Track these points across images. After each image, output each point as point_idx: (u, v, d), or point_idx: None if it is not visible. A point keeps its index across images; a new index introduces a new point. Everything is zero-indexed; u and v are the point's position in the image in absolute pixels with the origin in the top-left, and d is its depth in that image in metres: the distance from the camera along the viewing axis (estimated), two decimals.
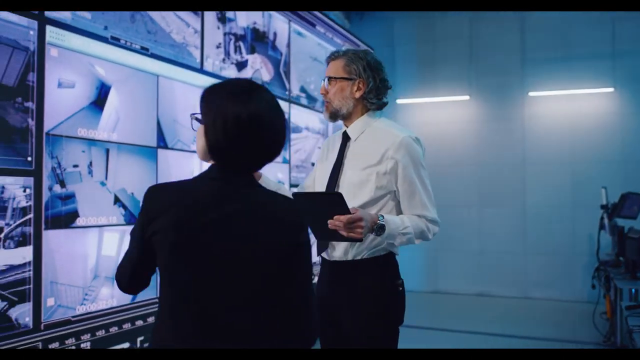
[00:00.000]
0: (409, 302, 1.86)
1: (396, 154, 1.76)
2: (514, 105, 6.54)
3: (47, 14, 2.40)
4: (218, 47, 3.52)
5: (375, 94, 1.86)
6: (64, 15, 2.49)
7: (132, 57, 2.86)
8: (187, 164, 3.25)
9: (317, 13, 4.87)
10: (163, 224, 1.15)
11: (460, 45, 6.76)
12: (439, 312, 5.92)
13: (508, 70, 6.52)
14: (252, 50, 3.87)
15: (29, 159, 2.31)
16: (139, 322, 2.86)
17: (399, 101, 6.97)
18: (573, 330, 4.91)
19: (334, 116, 1.88)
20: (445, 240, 6.82)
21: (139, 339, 2.85)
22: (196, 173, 3.25)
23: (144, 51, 2.94)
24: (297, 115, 4.51)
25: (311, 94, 4.81)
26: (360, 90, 1.84)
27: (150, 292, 2.93)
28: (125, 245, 1.23)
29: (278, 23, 4.25)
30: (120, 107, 2.77)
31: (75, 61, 2.53)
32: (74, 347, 2.49)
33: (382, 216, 1.66)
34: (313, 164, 4.77)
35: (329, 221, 1.56)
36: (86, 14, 2.60)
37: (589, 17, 6.07)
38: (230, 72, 3.63)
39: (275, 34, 4.19)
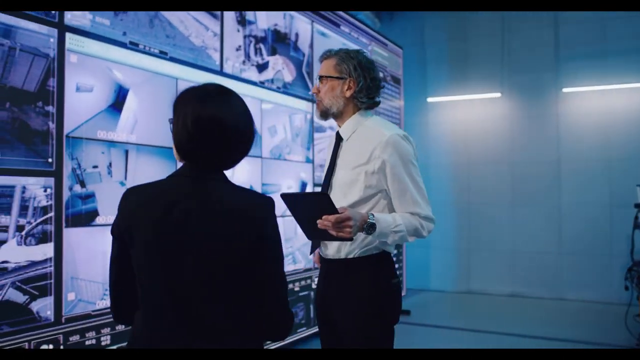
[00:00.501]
0: (440, 302, 1.86)
1: (383, 153, 1.77)
2: (547, 102, 6.38)
3: (67, 21, 2.51)
4: (238, 49, 3.59)
5: (365, 93, 1.88)
6: (83, 23, 2.60)
7: (151, 61, 2.96)
8: None
9: (341, 13, 4.89)
10: (137, 223, 1.21)
11: (493, 42, 6.64)
12: (471, 312, 5.84)
13: (541, 67, 6.37)
14: (273, 52, 3.93)
15: (50, 160, 2.43)
16: None
17: (429, 99, 6.92)
18: (605, 332, 4.77)
19: (324, 114, 1.91)
20: (477, 240, 6.74)
21: None
22: None
23: (162, 55, 3.03)
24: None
25: None
26: (351, 89, 1.86)
27: None
28: None
29: (300, 24, 4.29)
30: (138, 109, 2.87)
31: (93, 66, 2.64)
32: (94, 341, 2.60)
33: (373, 215, 1.67)
34: None
35: (318, 221, 1.58)
36: (105, 21, 2.71)
37: (625, 11, 5.87)
38: (251, 74, 3.70)
39: (297, 35, 4.23)
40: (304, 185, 4.30)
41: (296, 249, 4.20)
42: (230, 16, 3.53)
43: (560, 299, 6.23)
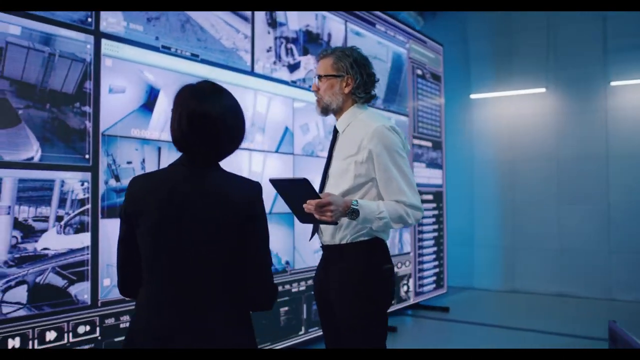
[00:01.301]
0: (483, 300, 1.91)
1: (369, 143, 1.86)
2: (595, 96, 6.20)
3: (102, 28, 2.73)
4: (268, 50, 3.73)
5: (363, 88, 1.98)
6: (118, 30, 2.81)
7: (182, 63, 3.14)
8: (239, 159, 3.49)
9: (377, 12, 4.96)
10: (145, 206, 1.36)
11: (538, 37, 6.52)
12: (515, 311, 5.76)
13: (588, 60, 6.20)
14: (305, 52, 4.05)
15: (87, 156, 2.64)
16: None
17: (472, 96, 6.85)
18: None
19: (325, 111, 2.01)
20: (522, 238, 6.62)
21: None
22: (245, 167, 3.48)
23: (194, 57, 3.21)
24: None
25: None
26: (349, 85, 1.97)
27: None
28: None
29: (333, 24, 4.39)
30: (169, 109, 3.04)
31: (127, 69, 2.84)
32: (127, 324, 2.80)
33: (357, 201, 1.76)
34: None
35: (303, 205, 1.70)
36: (138, 27, 2.91)
37: None
38: (282, 74, 3.83)
39: (330, 35, 4.34)
40: None
41: None
42: (260, 19, 3.68)
43: (610, 299, 6.04)
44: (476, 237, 6.88)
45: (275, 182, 1.73)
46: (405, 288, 5.26)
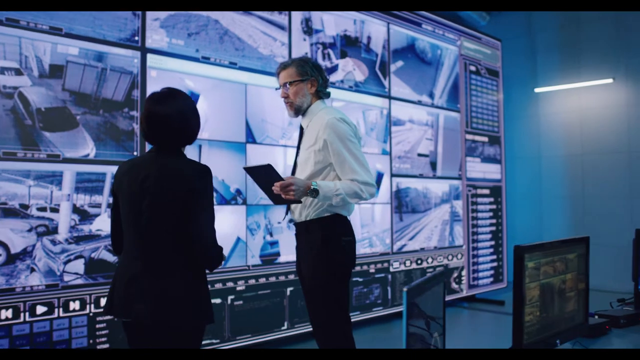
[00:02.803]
0: None
1: (323, 134, 2.15)
2: None
3: (148, 45, 3.21)
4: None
5: (324, 87, 2.29)
6: (161, 45, 3.28)
7: (221, 70, 3.57)
8: (275, 155, 3.86)
9: (423, 12, 5.13)
10: (122, 184, 1.76)
11: (605, 26, 6.31)
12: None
13: None
14: (342, 55, 4.35)
15: (135, 153, 3.13)
16: (230, 284, 3.55)
17: (537, 90, 6.76)
18: None
19: (297, 112, 2.32)
20: (592, 234, 6.40)
21: (229, 297, 3.54)
22: (281, 163, 3.92)
23: (232, 65, 3.63)
24: (397, 110, 4.84)
25: (415, 90, 5.09)
26: (314, 86, 2.27)
27: (240, 261, 3.60)
28: (216, 221, 1.81)
29: (373, 27, 4.65)
30: (208, 111, 3.49)
31: (170, 78, 3.31)
32: None
33: (316, 182, 2.06)
34: (419, 155, 5.06)
35: (272, 187, 2.02)
36: (180, 42, 3.38)
37: None
38: None
39: (369, 38, 4.60)
40: (379, 175, 4.65)
41: (373, 235, 4.56)
42: (296, 27, 4.04)
43: None
44: (544, 231, 6.77)
45: (247, 170, 2.09)
46: (457, 280, 5.37)
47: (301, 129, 2.36)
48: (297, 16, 4.06)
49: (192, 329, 1.72)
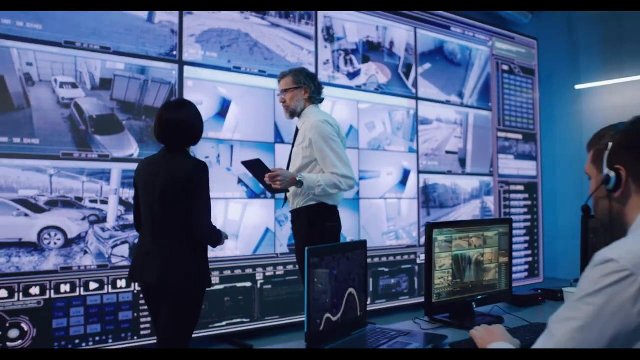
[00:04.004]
0: None
1: (309, 133, 2.51)
2: None
3: (185, 58, 3.67)
4: (325, 63, 4.42)
5: (316, 93, 2.64)
6: (197, 58, 3.74)
7: (251, 78, 3.99)
8: None
9: (450, 15, 5.36)
10: (139, 178, 2.19)
11: None
12: None
13: None
14: (365, 60, 4.67)
15: None
16: (259, 270, 3.96)
17: (577, 87, 6.77)
18: None
19: (292, 115, 2.70)
20: None
21: (259, 282, 3.95)
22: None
23: (261, 73, 4.04)
24: (425, 110, 5.10)
25: (444, 91, 5.32)
26: (307, 92, 2.63)
27: (268, 249, 4.00)
28: (247, 213, 2.25)
29: (396, 31, 4.92)
30: (240, 115, 3.91)
31: (204, 87, 3.75)
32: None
33: (301, 175, 2.42)
34: (447, 152, 5.28)
35: (264, 178, 2.40)
36: (213, 54, 3.82)
37: None
38: (342, 81, 4.50)
39: (392, 42, 4.89)
40: (406, 172, 4.92)
41: (400, 228, 4.84)
42: (319, 35, 4.39)
43: None
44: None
45: (244, 163, 2.48)
46: None
47: (297, 129, 2.72)
48: (319, 25, 4.41)
49: (192, 293, 2.13)
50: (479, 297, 1.87)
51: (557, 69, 6.80)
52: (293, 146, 2.70)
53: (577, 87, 6.78)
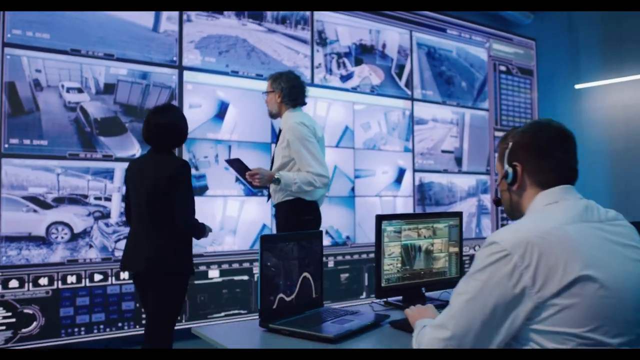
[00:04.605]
0: None
1: (287, 135, 2.72)
2: None
3: (184, 63, 3.89)
4: (317, 67, 4.61)
5: (288, 97, 2.85)
6: (196, 63, 3.96)
7: (248, 82, 4.19)
8: None
9: (447, 17, 5.51)
10: (129, 176, 2.42)
11: None
12: None
13: None
14: (358, 63, 4.84)
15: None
16: (256, 264, 4.16)
17: (577, 86, 6.86)
18: None
19: (270, 115, 2.95)
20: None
21: (255, 275, 4.16)
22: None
23: (258, 77, 4.25)
24: (420, 110, 5.26)
25: (440, 92, 5.48)
26: (280, 96, 2.85)
27: None
28: (244, 210, 2.47)
29: (388, 34, 5.08)
30: (238, 117, 4.12)
31: (203, 90, 3.97)
32: (207, 270, 3.91)
33: (279, 173, 2.63)
34: (443, 151, 5.44)
35: (245, 175, 2.62)
36: (212, 59, 4.04)
37: None
38: (336, 83, 4.68)
39: (384, 45, 5.05)
40: (401, 171, 5.09)
41: None
42: (314, 39, 4.58)
43: None
44: None
45: (227, 161, 2.70)
46: None
47: (279, 131, 2.93)
48: (313, 29, 4.60)
49: (176, 279, 2.34)
50: (429, 283, 2.05)
51: (557, 69, 6.90)
52: (276, 146, 2.92)
53: (577, 86, 6.87)
